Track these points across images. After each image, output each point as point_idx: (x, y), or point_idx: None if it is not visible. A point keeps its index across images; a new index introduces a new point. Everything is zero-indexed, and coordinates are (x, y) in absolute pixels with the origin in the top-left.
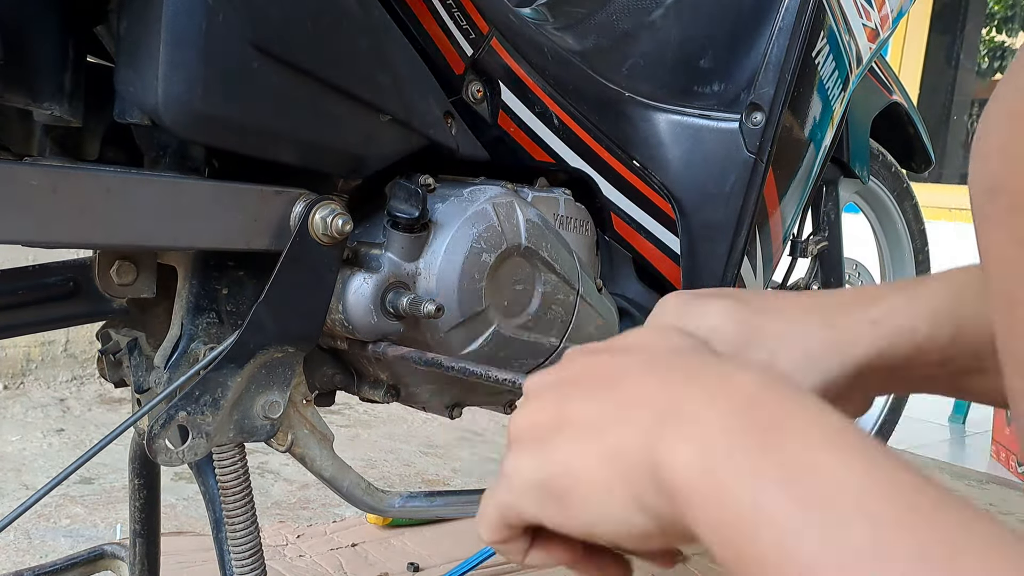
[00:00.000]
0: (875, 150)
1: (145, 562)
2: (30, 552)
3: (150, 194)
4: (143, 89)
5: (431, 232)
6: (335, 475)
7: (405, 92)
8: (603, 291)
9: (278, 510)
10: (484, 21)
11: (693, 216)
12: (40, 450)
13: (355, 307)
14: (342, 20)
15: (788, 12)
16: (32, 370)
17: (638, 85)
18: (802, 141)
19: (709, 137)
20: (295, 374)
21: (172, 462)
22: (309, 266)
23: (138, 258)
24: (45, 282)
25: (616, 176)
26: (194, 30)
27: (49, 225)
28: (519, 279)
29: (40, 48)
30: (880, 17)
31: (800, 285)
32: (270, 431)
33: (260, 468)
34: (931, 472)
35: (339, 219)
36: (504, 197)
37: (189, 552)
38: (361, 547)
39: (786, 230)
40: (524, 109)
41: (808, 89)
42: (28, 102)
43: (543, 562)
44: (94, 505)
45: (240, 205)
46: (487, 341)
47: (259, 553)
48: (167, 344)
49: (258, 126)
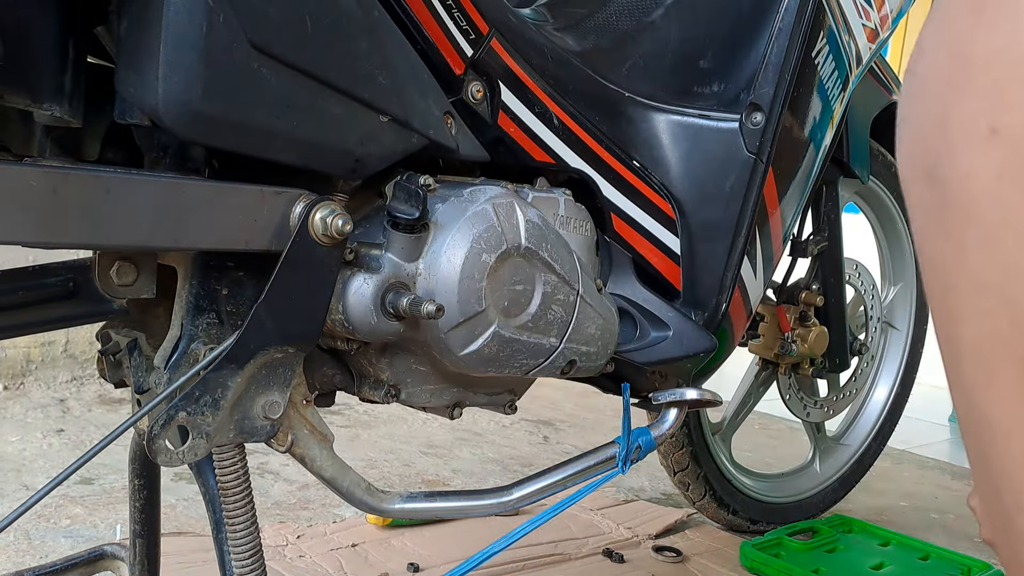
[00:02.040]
0: (875, 150)
1: (145, 562)
2: (30, 552)
3: (150, 194)
4: (143, 89)
5: (431, 232)
6: (335, 475)
7: (405, 92)
8: (603, 291)
9: (278, 510)
10: (484, 21)
11: (693, 216)
12: (40, 450)
13: (355, 307)
14: (342, 20)
15: (788, 12)
16: (32, 370)
17: (638, 85)
18: (802, 141)
19: (709, 137)
20: (295, 374)
21: (172, 462)
22: (309, 266)
23: (138, 258)
24: (45, 282)
25: (616, 176)
26: (194, 31)
27: (49, 225)
28: (519, 279)
29: (40, 49)
30: (880, 17)
31: (800, 285)
32: (270, 431)
33: (260, 468)
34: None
35: (339, 219)
36: (504, 197)
37: (189, 552)
38: (361, 547)
39: (786, 230)
40: (524, 109)
41: (808, 89)
42: (28, 103)
43: None
44: (94, 505)
45: (240, 205)
46: (487, 341)
47: (259, 553)
48: (167, 344)
49: (258, 126)
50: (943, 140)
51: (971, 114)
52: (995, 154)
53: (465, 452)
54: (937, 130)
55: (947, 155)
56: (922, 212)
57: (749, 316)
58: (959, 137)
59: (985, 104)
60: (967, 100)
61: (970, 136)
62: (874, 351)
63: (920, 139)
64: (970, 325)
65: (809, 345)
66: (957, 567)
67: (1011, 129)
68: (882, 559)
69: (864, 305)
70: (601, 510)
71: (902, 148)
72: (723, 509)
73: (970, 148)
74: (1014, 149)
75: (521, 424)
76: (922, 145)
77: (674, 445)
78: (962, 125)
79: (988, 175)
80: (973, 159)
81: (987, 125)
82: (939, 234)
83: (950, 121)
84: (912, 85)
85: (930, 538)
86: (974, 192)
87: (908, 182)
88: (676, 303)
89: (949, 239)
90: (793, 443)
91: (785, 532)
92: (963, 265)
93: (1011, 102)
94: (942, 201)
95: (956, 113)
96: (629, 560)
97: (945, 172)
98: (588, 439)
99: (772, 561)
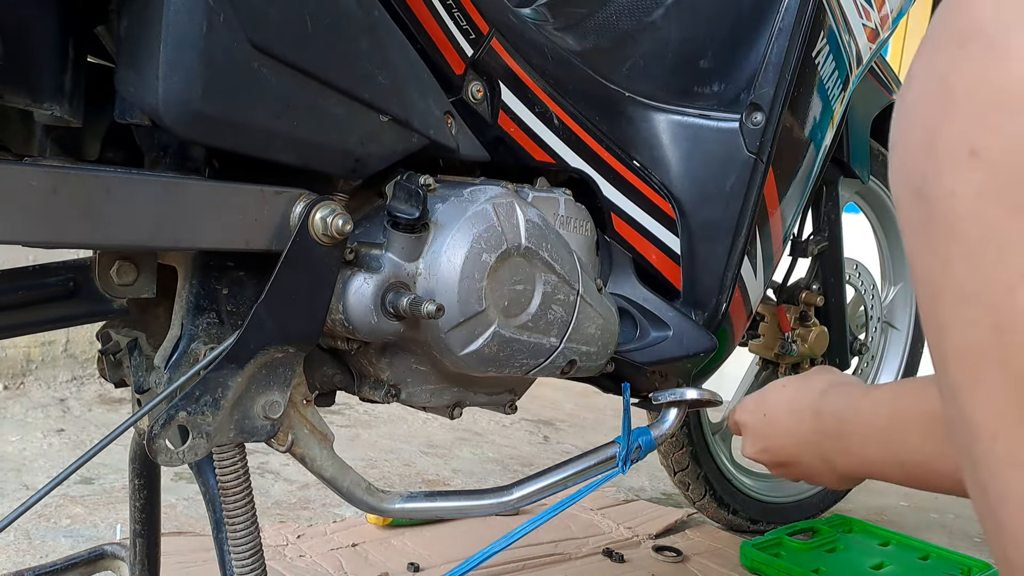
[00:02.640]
0: (875, 150)
1: (145, 562)
2: (30, 552)
3: (150, 194)
4: (143, 89)
5: (431, 232)
6: (335, 475)
7: (405, 92)
8: (603, 291)
9: (278, 510)
10: (484, 21)
11: (693, 216)
12: (40, 450)
13: (355, 307)
14: (342, 20)
15: (788, 12)
16: (32, 370)
17: (638, 85)
18: (802, 141)
19: (709, 137)
20: (295, 374)
21: (172, 462)
22: (309, 266)
23: (138, 258)
24: (45, 282)
25: (616, 176)
26: (194, 30)
27: (49, 225)
28: (519, 279)
29: (40, 48)
30: (880, 17)
31: (800, 285)
32: (270, 431)
33: (260, 468)
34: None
35: (339, 219)
36: (504, 197)
37: (189, 552)
38: (361, 547)
39: (786, 230)
40: (524, 109)
41: (808, 89)
42: (29, 102)
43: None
44: (94, 505)
45: (240, 205)
46: (487, 341)
47: (259, 553)
48: (167, 344)
49: (258, 126)
50: (929, 161)
51: (954, 137)
52: (975, 174)
53: (465, 452)
54: (924, 152)
55: (933, 175)
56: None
57: (749, 316)
58: (943, 158)
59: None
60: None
61: (953, 158)
62: (874, 351)
63: (909, 160)
64: (955, 333)
65: (809, 345)
66: (957, 567)
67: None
68: (882, 559)
69: (864, 305)
70: (601, 510)
71: (893, 169)
72: (723, 509)
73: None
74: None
75: (521, 424)
76: (910, 166)
77: (674, 445)
78: (946, 147)
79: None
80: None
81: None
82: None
83: (935, 144)
84: (902, 111)
85: (930, 538)
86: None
87: (899, 200)
88: (676, 303)
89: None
90: None
91: (785, 532)
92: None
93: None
94: (928, 218)
95: (941, 136)
96: (629, 560)
97: (931, 191)
98: (588, 439)
99: (772, 561)
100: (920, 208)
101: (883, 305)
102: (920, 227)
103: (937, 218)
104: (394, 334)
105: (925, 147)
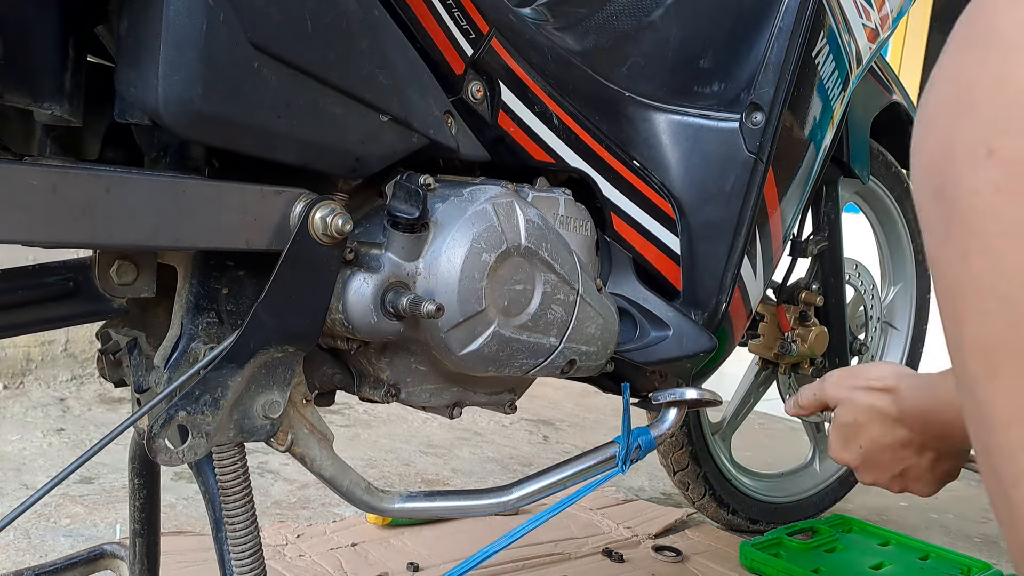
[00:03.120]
0: (875, 150)
1: (145, 562)
2: (30, 552)
3: (150, 194)
4: (143, 89)
5: (431, 232)
6: (335, 475)
7: (405, 92)
8: (603, 291)
9: (278, 510)
10: (484, 21)
11: (693, 216)
12: (40, 450)
13: (355, 307)
14: (342, 20)
15: (788, 12)
16: (32, 370)
17: (638, 85)
18: (802, 141)
19: (709, 137)
20: (295, 374)
21: (172, 462)
22: (309, 266)
23: (138, 258)
24: (45, 282)
25: (616, 176)
26: (195, 30)
27: (49, 225)
28: (519, 279)
29: (40, 48)
30: (880, 17)
31: (800, 285)
32: (270, 431)
33: (260, 468)
34: None
35: (339, 219)
36: (504, 197)
37: (189, 552)
38: (361, 547)
39: (786, 230)
40: (524, 109)
41: (808, 89)
42: (28, 102)
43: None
44: (94, 505)
45: (240, 205)
46: (487, 341)
47: (259, 553)
48: (167, 344)
49: (258, 126)
50: (949, 162)
51: (972, 138)
52: (993, 173)
53: (465, 452)
54: (944, 154)
55: (952, 175)
56: (932, 229)
57: (749, 316)
58: (962, 159)
59: (984, 129)
60: (969, 126)
61: (972, 158)
62: (874, 351)
63: (930, 162)
64: (973, 325)
65: (809, 345)
66: (957, 567)
67: (1006, 150)
68: (882, 559)
69: (864, 305)
70: (601, 510)
71: (915, 171)
72: (723, 509)
73: (972, 168)
74: (1009, 168)
75: (521, 424)
76: (931, 168)
77: (674, 445)
78: (965, 148)
79: (987, 191)
80: (974, 178)
81: (986, 148)
82: (946, 245)
83: (955, 145)
84: (923, 114)
85: (930, 538)
86: (976, 207)
87: (920, 203)
88: (676, 303)
89: (955, 249)
90: (793, 443)
91: (785, 532)
92: (966, 271)
93: (1007, 126)
94: (948, 216)
95: (960, 138)
96: (629, 560)
97: (951, 190)
98: (588, 439)
99: (772, 561)
100: (940, 208)
101: (883, 305)
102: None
103: (956, 215)
104: (394, 334)
105: (945, 149)
